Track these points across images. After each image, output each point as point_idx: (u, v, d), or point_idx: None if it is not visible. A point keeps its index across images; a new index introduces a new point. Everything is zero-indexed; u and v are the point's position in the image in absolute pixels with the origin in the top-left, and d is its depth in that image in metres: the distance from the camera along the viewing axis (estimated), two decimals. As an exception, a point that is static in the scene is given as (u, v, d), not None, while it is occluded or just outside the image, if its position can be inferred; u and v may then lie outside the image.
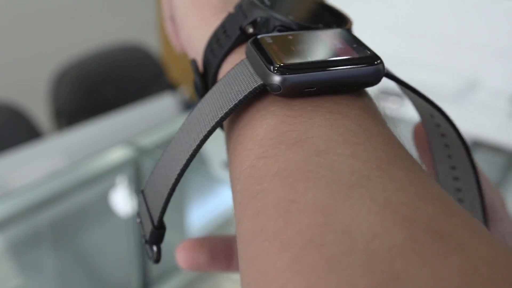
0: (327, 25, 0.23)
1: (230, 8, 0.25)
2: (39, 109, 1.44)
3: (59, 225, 0.75)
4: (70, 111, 1.32)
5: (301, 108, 0.18)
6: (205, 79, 0.25)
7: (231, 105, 0.19)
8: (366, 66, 0.19)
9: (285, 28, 0.22)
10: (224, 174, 0.80)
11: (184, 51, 0.29)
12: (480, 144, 0.87)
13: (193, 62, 0.25)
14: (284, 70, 0.18)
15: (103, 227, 0.74)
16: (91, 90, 1.35)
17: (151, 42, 1.90)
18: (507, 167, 0.91)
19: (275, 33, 0.21)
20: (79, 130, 0.93)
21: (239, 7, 0.24)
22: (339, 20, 0.24)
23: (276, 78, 0.18)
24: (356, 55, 0.19)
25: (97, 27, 1.83)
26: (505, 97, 0.87)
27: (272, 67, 0.18)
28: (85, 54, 1.39)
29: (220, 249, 0.27)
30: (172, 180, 0.20)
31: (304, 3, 0.25)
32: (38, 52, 1.69)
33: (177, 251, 0.26)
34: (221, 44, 0.23)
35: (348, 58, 0.19)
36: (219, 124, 0.19)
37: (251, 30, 0.22)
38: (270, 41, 0.20)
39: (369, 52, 0.20)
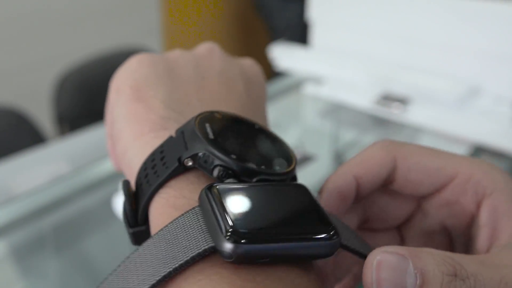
0: (271, 167, 0.22)
1: (169, 125, 0.24)
2: (42, 114, 1.44)
3: (62, 229, 0.76)
4: (73, 116, 1.32)
5: (248, 279, 0.17)
6: (136, 202, 0.23)
7: (176, 265, 0.17)
8: (323, 242, 0.18)
9: (226, 168, 0.21)
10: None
11: (119, 167, 0.27)
12: (483, 150, 0.87)
13: (125, 184, 0.24)
14: (238, 237, 0.17)
15: (106, 232, 0.74)
16: (93, 95, 1.35)
17: (153, 47, 1.90)
18: (510, 173, 0.90)
19: (231, 185, 0.20)
20: (83, 135, 0.93)
21: (181, 133, 0.23)
22: (284, 159, 0.23)
23: (229, 246, 0.17)
24: (314, 226, 0.19)
25: (99, 33, 1.84)
26: (508, 103, 0.87)
27: (225, 232, 0.17)
28: (87, 60, 1.39)
29: None
30: None
31: (249, 138, 0.24)
32: (41, 57, 1.70)
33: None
34: (156, 172, 0.22)
35: (307, 232, 0.18)
36: (159, 283, 0.18)
37: (190, 163, 0.21)
38: (226, 194, 0.19)
39: (327, 223, 0.19)
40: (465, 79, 0.89)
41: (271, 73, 1.26)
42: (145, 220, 0.24)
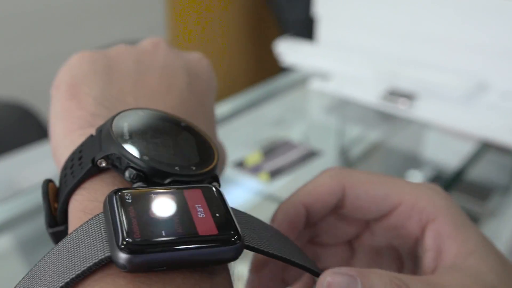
0: (186, 167, 0.21)
1: (98, 123, 0.24)
2: (47, 109, 1.44)
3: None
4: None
5: (145, 287, 0.17)
6: (57, 201, 0.23)
7: (73, 275, 0.17)
8: (224, 246, 0.18)
9: (137, 170, 0.20)
10: (235, 174, 0.80)
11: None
12: (490, 146, 0.87)
13: (43, 184, 0.23)
14: (132, 248, 0.17)
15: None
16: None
17: (157, 43, 1.90)
18: (515, 169, 0.90)
19: (137, 189, 0.20)
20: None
21: (99, 132, 0.22)
22: (203, 158, 0.22)
23: (123, 256, 0.17)
24: (215, 231, 0.18)
25: (105, 29, 1.84)
26: (515, 98, 0.87)
27: (120, 242, 0.17)
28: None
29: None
30: None
31: (171, 138, 0.23)
32: (46, 53, 1.70)
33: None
34: (73, 172, 0.22)
35: (206, 237, 0.18)
36: None
37: (103, 164, 0.21)
38: (129, 200, 0.19)
39: (229, 227, 0.19)
40: (472, 75, 0.88)
41: (277, 68, 1.26)
42: (65, 220, 0.23)
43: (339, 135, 1.00)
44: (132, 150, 0.21)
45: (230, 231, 0.18)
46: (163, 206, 0.19)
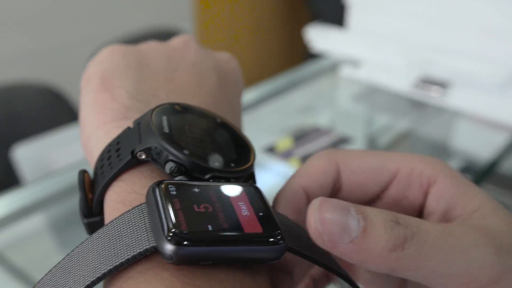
0: (225, 164, 0.21)
1: (131, 115, 0.24)
2: (77, 93, 1.47)
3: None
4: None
5: (188, 282, 0.17)
6: (93, 192, 0.23)
7: (117, 263, 0.17)
8: (268, 246, 0.18)
9: (177, 163, 0.20)
10: (266, 159, 0.80)
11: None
12: (524, 137, 0.85)
13: (80, 174, 0.23)
14: (179, 239, 0.17)
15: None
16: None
17: (185, 27, 1.91)
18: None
19: (181, 180, 0.20)
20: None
21: (137, 124, 0.22)
22: (241, 156, 0.22)
23: (169, 247, 0.17)
24: (260, 230, 0.18)
25: (132, 13, 1.85)
26: (552, 88, 0.84)
27: (167, 233, 0.17)
28: (120, 40, 1.40)
29: None
30: None
31: (209, 133, 0.23)
32: (77, 38, 1.72)
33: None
34: (111, 164, 0.22)
35: (251, 235, 0.18)
36: (99, 280, 0.17)
37: (143, 156, 0.21)
38: (174, 192, 0.19)
39: (273, 226, 0.18)
40: (507, 63, 0.86)
41: (307, 55, 1.25)
42: (100, 211, 0.23)
43: (367, 123, 0.99)
44: (172, 143, 0.21)
45: (275, 231, 0.18)
46: (208, 201, 0.19)
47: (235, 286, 0.18)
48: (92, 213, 0.23)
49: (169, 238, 0.16)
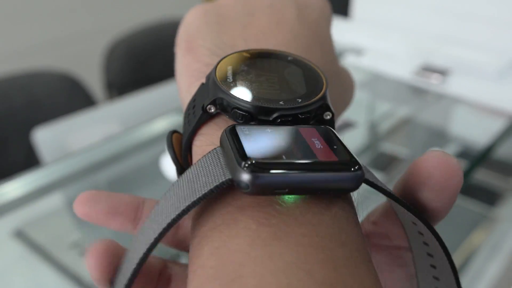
0: (291, 100, 0.20)
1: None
2: (93, 80, 1.49)
3: (114, 184, 0.79)
4: (121, 82, 1.36)
5: (264, 221, 0.16)
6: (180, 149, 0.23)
7: (195, 198, 0.17)
8: (345, 172, 0.17)
9: (242, 110, 0.20)
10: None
11: None
12: (520, 123, 0.86)
13: (168, 136, 0.23)
14: (255, 168, 0.16)
15: (153, 188, 0.77)
16: (140, 63, 1.38)
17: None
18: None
19: (253, 125, 0.19)
20: (131, 99, 0.96)
21: (207, 78, 0.22)
22: (311, 89, 0.21)
23: (246, 176, 0.16)
24: (335, 159, 0.17)
25: (146, 4, 1.86)
26: (548, 76, 0.85)
27: (243, 163, 0.16)
28: (135, 30, 1.42)
29: (126, 209, 0.24)
30: (131, 271, 0.18)
31: (276, 73, 0.22)
32: (93, 28, 1.74)
33: (74, 203, 0.24)
34: (189, 122, 0.22)
35: (326, 162, 0.17)
36: (180, 217, 0.17)
37: (212, 110, 0.21)
38: (247, 132, 0.18)
39: (349, 157, 0.17)
40: (505, 52, 0.87)
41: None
42: None
43: (370, 109, 1.00)
44: (235, 91, 0.20)
45: (351, 159, 0.17)
46: (281, 138, 0.18)
47: (311, 222, 0.17)
48: (183, 169, 0.23)
49: (245, 167, 0.16)
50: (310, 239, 0.16)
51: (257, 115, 0.20)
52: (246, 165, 0.16)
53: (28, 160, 0.91)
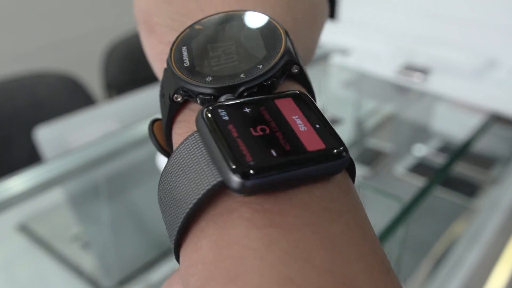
0: (252, 69, 0.18)
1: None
2: (93, 80, 1.48)
3: (112, 180, 0.78)
4: (120, 82, 1.35)
5: (258, 207, 0.15)
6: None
7: (188, 209, 0.16)
8: (335, 161, 0.16)
9: (207, 94, 0.18)
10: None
11: None
12: (495, 119, 0.86)
13: (150, 125, 0.21)
14: (246, 172, 0.14)
15: (150, 183, 0.76)
16: (138, 64, 1.37)
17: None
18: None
19: (230, 102, 0.17)
20: (129, 99, 0.95)
21: (167, 63, 0.20)
22: (271, 49, 0.19)
23: (237, 181, 0.14)
24: (322, 146, 0.16)
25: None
26: (523, 75, 0.85)
27: (232, 166, 0.15)
28: (133, 32, 1.41)
29: None
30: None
31: (234, 39, 0.20)
32: (93, 29, 1.73)
33: None
34: (163, 112, 0.20)
35: (316, 153, 0.15)
36: (184, 227, 0.16)
37: (179, 99, 0.19)
38: (226, 117, 0.16)
39: (335, 140, 0.16)
40: (483, 52, 0.87)
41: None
42: None
43: (356, 107, 1.00)
44: (194, 76, 0.18)
45: (337, 144, 0.16)
46: (262, 121, 0.16)
47: (303, 201, 0.15)
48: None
49: (235, 172, 0.15)
50: (304, 220, 0.15)
51: (222, 95, 0.18)
52: (236, 169, 0.15)
53: (31, 157, 0.90)
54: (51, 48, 1.66)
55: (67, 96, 1.08)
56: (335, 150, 0.16)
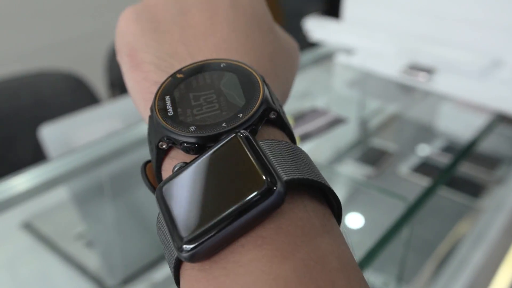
0: (233, 118, 0.19)
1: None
2: (97, 79, 1.48)
3: (117, 179, 0.78)
4: (123, 82, 1.35)
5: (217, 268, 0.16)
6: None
7: (174, 260, 0.17)
8: (269, 198, 0.16)
9: (189, 143, 0.19)
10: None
11: None
12: (500, 119, 0.86)
13: (142, 167, 0.22)
14: (181, 248, 0.16)
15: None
16: (142, 63, 1.37)
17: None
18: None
19: (173, 177, 0.18)
20: (133, 97, 0.95)
21: (151, 111, 0.20)
22: (250, 97, 0.19)
23: (183, 255, 0.16)
24: (255, 188, 0.16)
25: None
26: (529, 74, 0.85)
27: (177, 246, 0.16)
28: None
29: None
30: None
31: (213, 88, 0.20)
32: (97, 29, 1.73)
33: None
34: (152, 157, 0.21)
35: (248, 201, 0.16)
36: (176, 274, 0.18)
37: (164, 146, 0.20)
38: (169, 192, 0.18)
39: (266, 173, 0.16)
40: (488, 52, 0.86)
41: (305, 44, 1.25)
42: None
43: (360, 106, 1.00)
44: (178, 126, 0.19)
45: (267, 180, 0.16)
46: (198, 185, 0.17)
47: (256, 242, 0.16)
48: None
49: (178, 250, 0.16)
50: (254, 263, 0.15)
51: (205, 144, 0.19)
52: (180, 248, 0.16)
53: (35, 155, 0.90)
54: (55, 47, 1.67)
55: (71, 95, 1.08)
56: (264, 188, 0.16)
